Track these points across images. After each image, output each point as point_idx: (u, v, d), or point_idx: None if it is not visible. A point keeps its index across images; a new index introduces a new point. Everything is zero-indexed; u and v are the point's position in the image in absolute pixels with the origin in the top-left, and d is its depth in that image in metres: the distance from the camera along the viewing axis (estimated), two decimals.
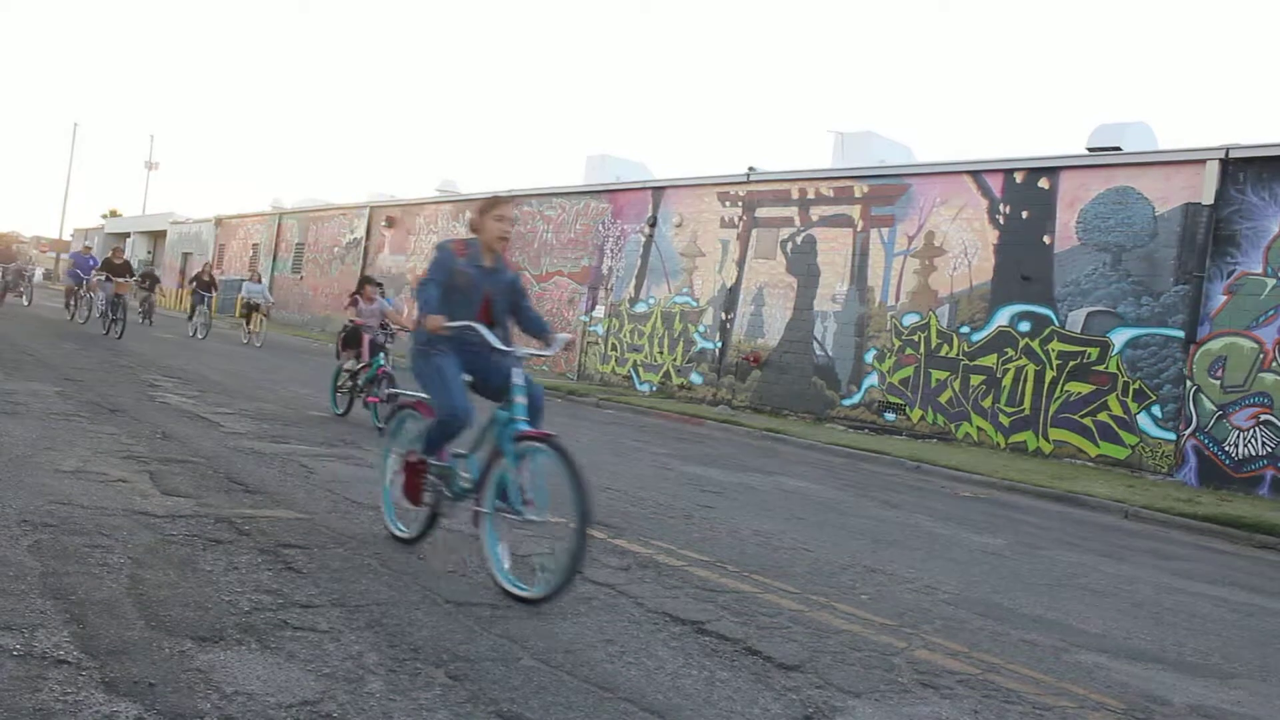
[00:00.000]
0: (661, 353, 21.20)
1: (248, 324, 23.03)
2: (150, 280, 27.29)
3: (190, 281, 24.67)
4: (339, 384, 10.55)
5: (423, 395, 4.86)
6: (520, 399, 4.47)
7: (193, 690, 2.85)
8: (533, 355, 4.87)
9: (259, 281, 24.62)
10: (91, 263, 22.34)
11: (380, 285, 11.46)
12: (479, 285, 4.82)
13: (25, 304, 25.72)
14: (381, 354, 10.11)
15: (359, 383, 10.23)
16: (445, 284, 4.69)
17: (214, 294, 23.44)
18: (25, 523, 4.36)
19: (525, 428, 4.38)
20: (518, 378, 4.55)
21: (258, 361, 17.78)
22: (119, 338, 17.34)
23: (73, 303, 22.46)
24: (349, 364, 10.54)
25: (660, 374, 21.10)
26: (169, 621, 3.39)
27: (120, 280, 18.82)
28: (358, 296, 10.83)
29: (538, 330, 5.19)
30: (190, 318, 23.47)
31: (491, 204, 5.04)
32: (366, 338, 10.36)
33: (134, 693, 2.78)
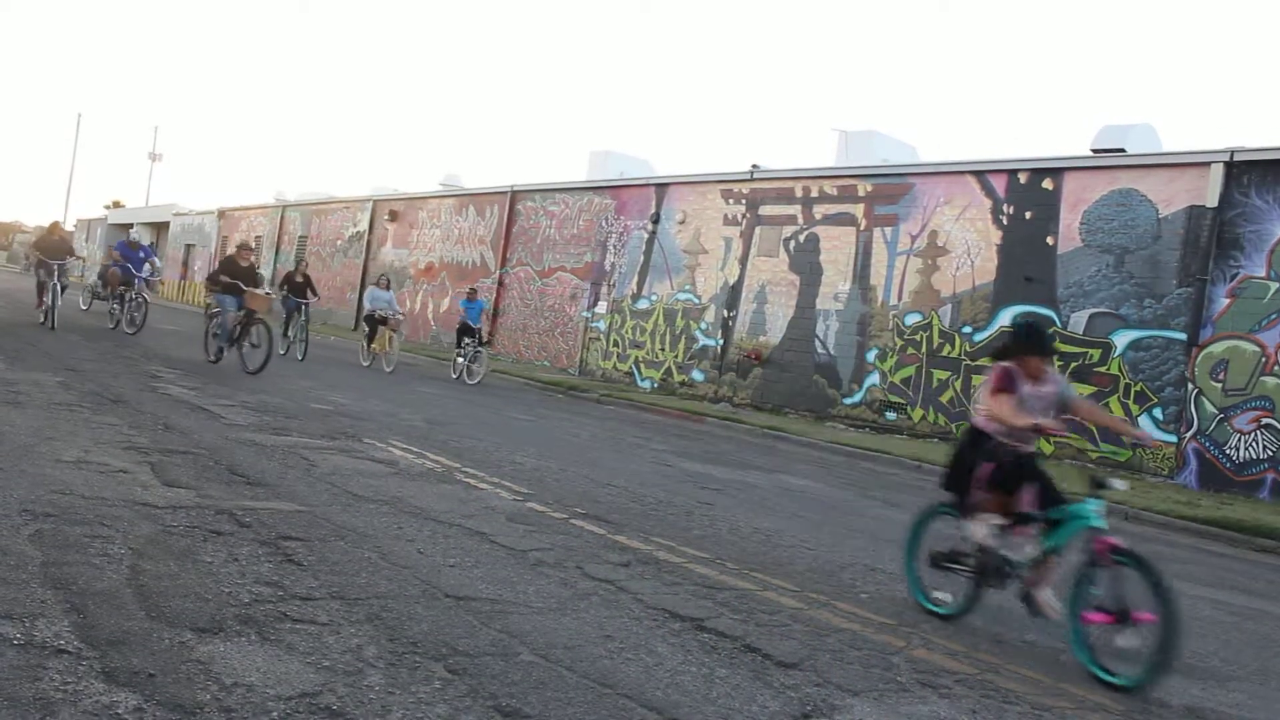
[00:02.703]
0: (663, 350, 21.19)
1: (370, 342, 18.00)
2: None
3: (280, 286, 18.43)
4: (949, 551, 5.01)
5: None
6: None
7: (192, 681, 2.85)
8: None
9: (387, 288, 18.89)
10: (143, 254, 17.49)
11: (1054, 355, 5.29)
12: None
13: (135, 324, 17.06)
14: (1092, 503, 4.42)
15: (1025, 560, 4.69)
16: None
17: (314, 300, 18.10)
18: (26, 512, 4.36)
19: None
20: None
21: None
22: (255, 372, 12.26)
23: (118, 307, 17.40)
24: (981, 519, 4.82)
25: (662, 371, 21.10)
26: (169, 612, 3.39)
27: (256, 292, 13.03)
28: (1012, 369, 4.98)
29: None
30: (285, 332, 17.54)
31: None
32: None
33: (133, 683, 2.78)
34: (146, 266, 17.33)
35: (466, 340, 18.16)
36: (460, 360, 18.18)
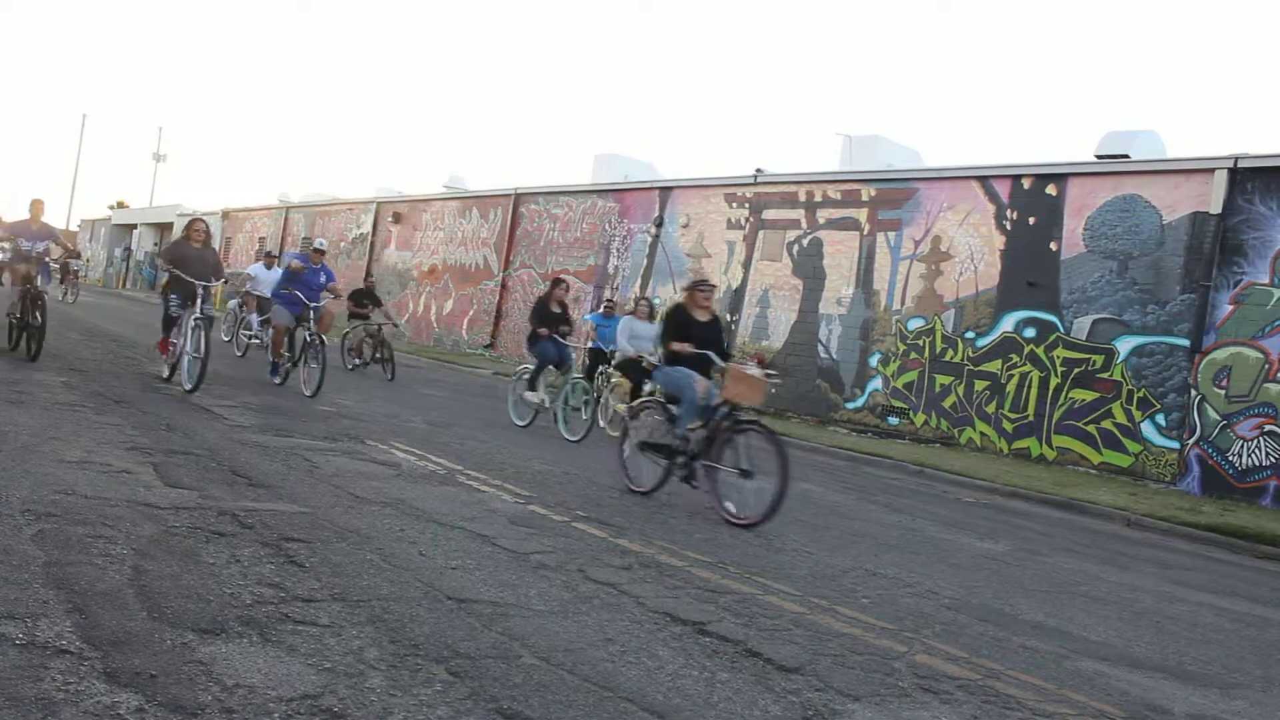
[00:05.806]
0: None
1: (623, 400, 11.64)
2: (370, 300, 17.15)
3: (537, 317, 11.43)
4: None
5: None
6: None
7: (194, 682, 2.85)
8: None
9: (651, 318, 12.19)
10: (323, 279, 11.96)
11: None
12: None
13: (312, 381, 11.05)
14: None
15: None
16: None
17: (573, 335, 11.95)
18: (29, 512, 4.37)
19: None
20: None
21: None
22: (757, 524, 6.71)
23: (287, 362, 11.79)
24: None
25: None
26: (171, 613, 3.39)
27: (752, 374, 7.85)
28: None
29: None
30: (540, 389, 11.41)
31: None
32: None
33: (135, 684, 2.78)
34: (324, 297, 11.81)
35: (602, 369, 12.56)
36: (583, 405, 11.48)
